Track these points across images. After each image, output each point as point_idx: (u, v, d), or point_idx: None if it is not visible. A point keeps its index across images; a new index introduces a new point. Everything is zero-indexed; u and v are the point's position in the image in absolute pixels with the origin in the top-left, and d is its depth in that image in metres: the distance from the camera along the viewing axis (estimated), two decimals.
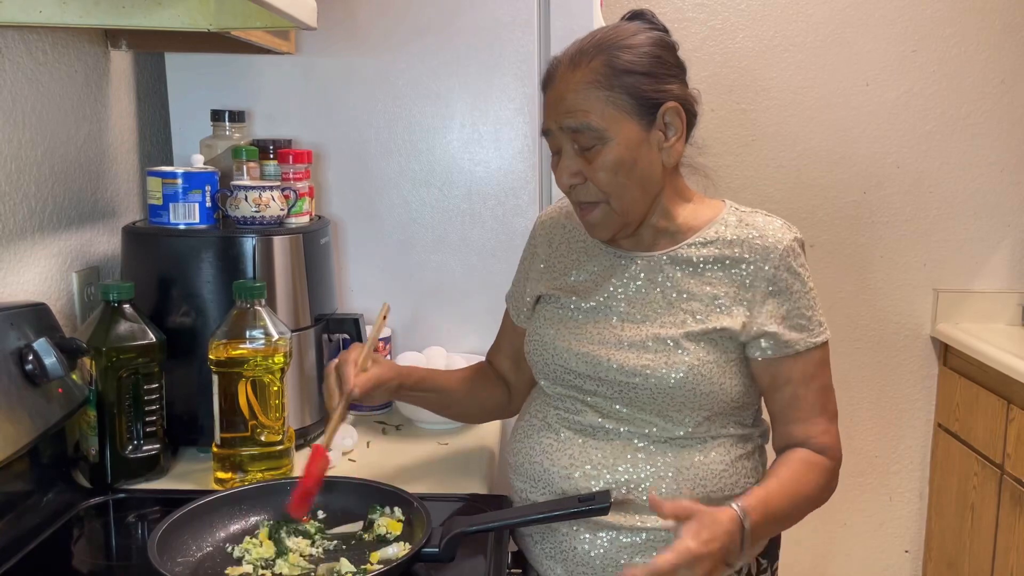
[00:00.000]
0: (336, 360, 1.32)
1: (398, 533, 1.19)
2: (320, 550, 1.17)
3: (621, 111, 1.17)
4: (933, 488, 2.77)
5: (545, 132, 1.23)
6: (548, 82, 1.23)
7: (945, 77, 2.63)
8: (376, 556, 1.13)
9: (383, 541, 1.18)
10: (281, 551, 1.15)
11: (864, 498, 2.83)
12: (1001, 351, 2.36)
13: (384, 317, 1.36)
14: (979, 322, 2.69)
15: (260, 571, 1.11)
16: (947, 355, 2.70)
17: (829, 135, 2.66)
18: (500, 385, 1.48)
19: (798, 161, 2.68)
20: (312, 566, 1.13)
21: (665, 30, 1.24)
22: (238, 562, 1.13)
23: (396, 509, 1.23)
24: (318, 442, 1.25)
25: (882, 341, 2.76)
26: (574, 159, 1.20)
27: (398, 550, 1.14)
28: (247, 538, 1.17)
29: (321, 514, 1.24)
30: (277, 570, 1.11)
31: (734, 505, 1.11)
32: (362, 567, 1.11)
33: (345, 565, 1.11)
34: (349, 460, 1.50)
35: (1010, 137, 2.65)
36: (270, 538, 1.17)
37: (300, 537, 1.18)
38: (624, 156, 1.18)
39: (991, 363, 2.36)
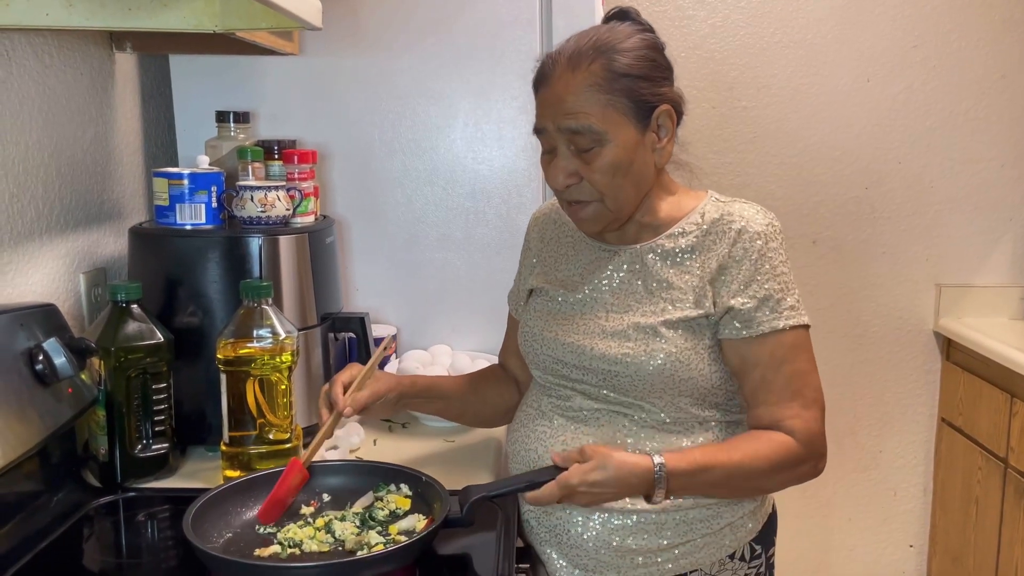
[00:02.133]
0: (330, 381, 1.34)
1: (407, 508, 1.22)
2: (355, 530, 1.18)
3: (620, 114, 1.20)
4: (937, 483, 2.78)
5: (539, 131, 1.25)
6: (542, 81, 1.24)
7: (946, 72, 2.63)
8: (395, 528, 1.17)
9: (395, 516, 1.21)
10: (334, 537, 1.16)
11: (868, 493, 2.83)
12: (1004, 345, 2.36)
13: (385, 349, 1.38)
14: (982, 316, 2.69)
15: (289, 550, 1.13)
16: (950, 350, 2.70)
17: (830, 131, 2.67)
18: (510, 384, 1.50)
19: (800, 158, 2.68)
20: (339, 541, 1.15)
21: (651, 29, 1.27)
22: (265, 543, 1.15)
23: (403, 486, 1.26)
24: (296, 456, 1.28)
25: (885, 336, 2.76)
26: (571, 159, 1.22)
27: (415, 521, 1.18)
28: (292, 524, 1.19)
29: (327, 497, 1.26)
30: (306, 548, 1.13)
31: (654, 457, 1.17)
32: (389, 538, 1.15)
33: (374, 537, 1.14)
34: (356, 458, 1.51)
35: (1011, 132, 2.66)
36: (324, 528, 1.18)
37: (347, 522, 1.19)
38: (621, 158, 1.21)
39: (994, 357, 2.37)
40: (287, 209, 1.54)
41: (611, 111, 1.19)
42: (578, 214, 1.27)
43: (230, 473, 1.37)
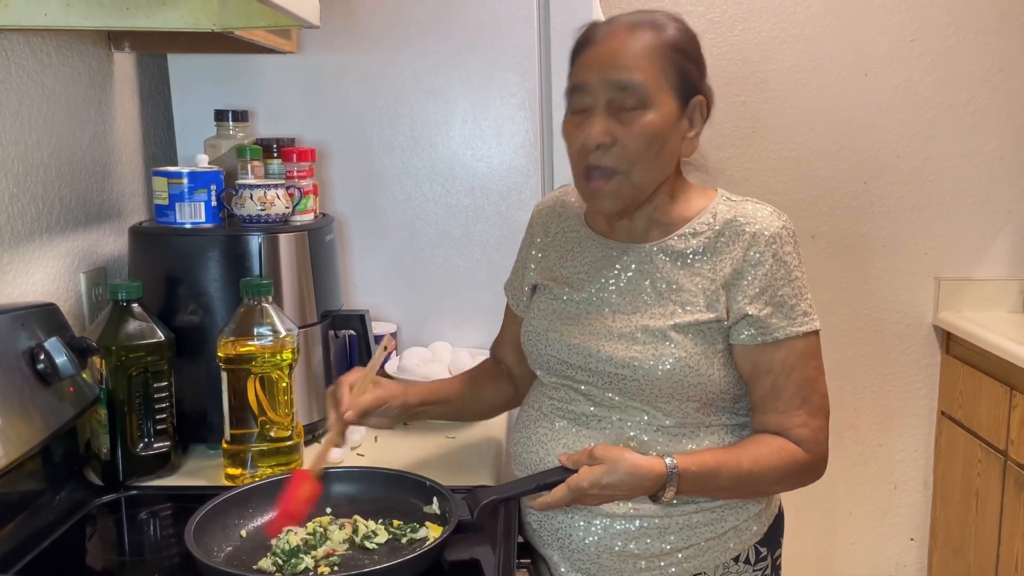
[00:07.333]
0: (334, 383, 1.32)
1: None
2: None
3: (669, 84, 1.18)
4: (937, 476, 2.78)
5: (578, 87, 1.20)
6: (591, 39, 1.21)
7: (944, 66, 2.64)
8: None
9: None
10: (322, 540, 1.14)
11: (869, 487, 2.84)
12: (1003, 338, 2.37)
13: (385, 348, 1.35)
14: (981, 310, 2.70)
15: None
16: (949, 343, 2.71)
17: (829, 126, 2.67)
18: (505, 379, 1.49)
19: (798, 152, 2.69)
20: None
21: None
22: (266, 555, 1.13)
23: (411, 498, 1.25)
24: (304, 468, 1.23)
25: (884, 330, 2.77)
26: (607, 119, 1.18)
27: (427, 530, 1.18)
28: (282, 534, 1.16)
29: (328, 510, 1.25)
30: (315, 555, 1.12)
31: (666, 459, 1.17)
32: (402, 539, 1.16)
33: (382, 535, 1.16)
34: (357, 455, 1.51)
35: (1009, 125, 2.66)
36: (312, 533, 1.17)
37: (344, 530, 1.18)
38: (660, 128, 1.18)
39: (993, 350, 2.37)
40: (286, 207, 1.54)
41: (662, 79, 1.17)
42: (600, 189, 1.20)
43: (231, 471, 1.38)
